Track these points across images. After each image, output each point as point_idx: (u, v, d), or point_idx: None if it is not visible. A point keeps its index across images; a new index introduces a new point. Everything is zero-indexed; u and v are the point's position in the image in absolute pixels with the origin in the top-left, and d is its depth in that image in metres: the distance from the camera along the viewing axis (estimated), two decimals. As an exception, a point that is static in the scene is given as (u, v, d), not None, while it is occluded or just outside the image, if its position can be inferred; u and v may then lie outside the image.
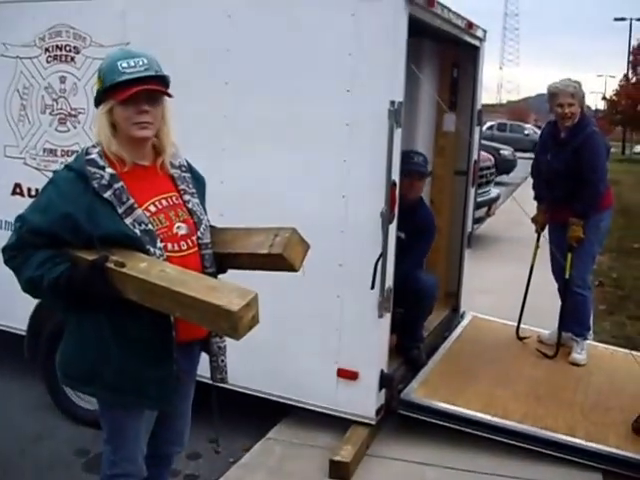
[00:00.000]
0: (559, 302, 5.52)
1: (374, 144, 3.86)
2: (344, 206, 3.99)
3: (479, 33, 5.35)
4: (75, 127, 4.67)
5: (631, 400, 4.69)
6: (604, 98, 44.99)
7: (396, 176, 3.95)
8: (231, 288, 2.35)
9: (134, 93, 2.45)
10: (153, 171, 2.65)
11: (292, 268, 2.64)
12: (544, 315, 5.84)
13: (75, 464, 4.21)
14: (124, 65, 2.46)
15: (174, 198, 2.66)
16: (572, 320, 5.43)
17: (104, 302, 2.46)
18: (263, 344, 4.05)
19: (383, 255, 3.93)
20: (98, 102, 2.56)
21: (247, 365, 3.95)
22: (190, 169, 2.81)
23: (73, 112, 4.67)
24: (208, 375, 2.86)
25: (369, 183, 3.92)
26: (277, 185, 4.13)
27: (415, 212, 4.75)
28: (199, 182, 2.83)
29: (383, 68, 3.83)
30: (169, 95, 2.58)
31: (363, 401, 4.18)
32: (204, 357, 2.87)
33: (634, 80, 43.41)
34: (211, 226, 2.78)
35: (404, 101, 3.92)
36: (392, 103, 3.78)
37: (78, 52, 4.58)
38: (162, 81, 2.55)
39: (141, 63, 2.48)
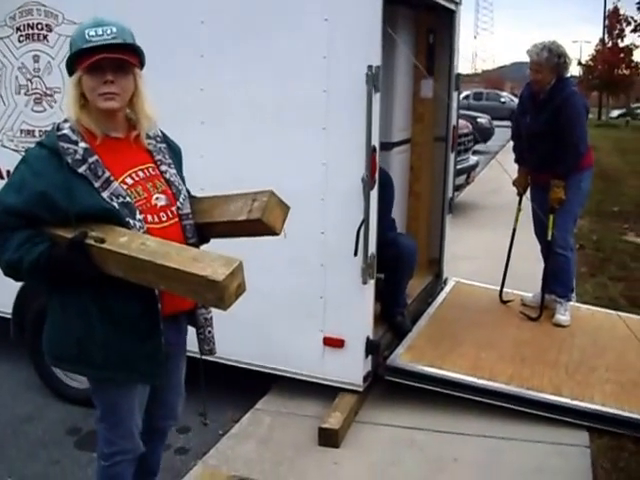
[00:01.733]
0: (541, 265, 5.55)
1: (353, 110, 3.84)
2: (324, 174, 3.98)
3: (454, -3, 5.32)
4: (52, 107, 4.61)
5: (614, 359, 4.77)
6: (580, 63, 44.93)
7: (376, 141, 3.93)
8: (214, 257, 2.32)
9: (95, 61, 2.38)
10: (127, 143, 2.60)
11: (273, 232, 2.61)
12: (527, 278, 5.88)
13: (67, 442, 4.22)
14: (91, 33, 2.40)
15: (151, 169, 2.62)
16: (555, 281, 5.47)
17: (87, 280, 2.43)
18: (248, 315, 4.05)
19: (365, 221, 3.93)
20: (70, 73, 2.50)
21: (233, 337, 3.94)
22: (165, 139, 2.76)
23: (48, 91, 4.60)
24: (195, 349, 2.83)
25: (349, 149, 3.91)
26: (257, 155, 4.11)
27: None
28: (175, 152, 2.79)
29: (359, 32, 3.81)
30: (136, 65, 2.50)
31: (350, 368, 4.21)
32: (192, 330, 2.83)
33: (610, 44, 43.37)
34: (190, 195, 2.74)
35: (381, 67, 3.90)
36: (370, 67, 3.77)
37: (51, 30, 4.52)
38: (133, 51, 2.48)
39: (109, 32, 2.40)
